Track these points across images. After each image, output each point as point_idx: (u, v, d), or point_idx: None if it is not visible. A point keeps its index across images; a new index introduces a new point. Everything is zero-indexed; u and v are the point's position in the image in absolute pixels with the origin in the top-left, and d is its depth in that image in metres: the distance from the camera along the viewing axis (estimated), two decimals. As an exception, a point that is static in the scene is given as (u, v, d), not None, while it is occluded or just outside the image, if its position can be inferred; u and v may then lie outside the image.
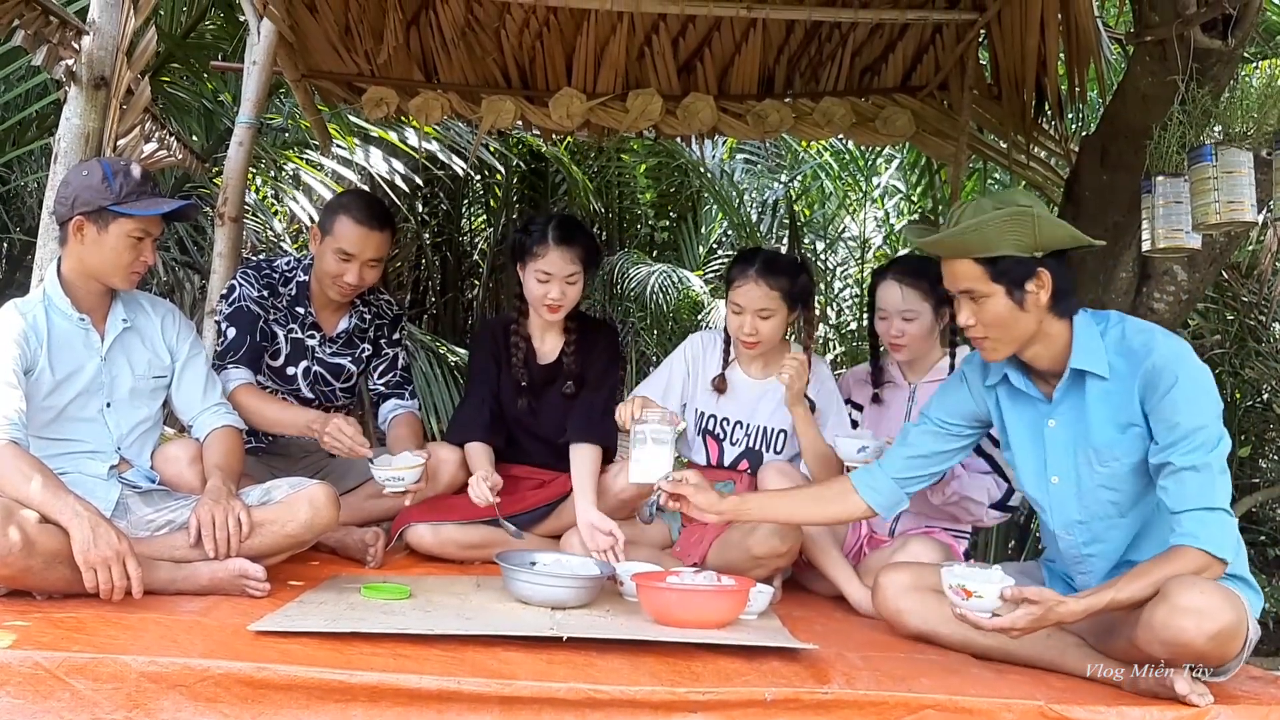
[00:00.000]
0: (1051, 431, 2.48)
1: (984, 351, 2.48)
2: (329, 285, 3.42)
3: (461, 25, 4.74)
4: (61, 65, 3.18)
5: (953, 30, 4.72)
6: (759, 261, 3.22)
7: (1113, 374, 2.38)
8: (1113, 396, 2.39)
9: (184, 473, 2.87)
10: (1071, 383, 2.44)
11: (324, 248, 3.39)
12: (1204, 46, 3.41)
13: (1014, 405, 2.56)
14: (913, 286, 3.18)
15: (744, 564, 3.00)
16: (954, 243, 2.38)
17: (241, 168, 4.33)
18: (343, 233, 3.34)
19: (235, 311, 3.39)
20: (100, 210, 2.70)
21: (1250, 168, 3.12)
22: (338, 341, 3.56)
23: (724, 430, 3.40)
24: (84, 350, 2.77)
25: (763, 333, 3.22)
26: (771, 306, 3.19)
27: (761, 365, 3.39)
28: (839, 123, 4.93)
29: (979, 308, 2.40)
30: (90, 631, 2.21)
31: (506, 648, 2.31)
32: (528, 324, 3.53)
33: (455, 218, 8.70)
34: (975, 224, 2.32)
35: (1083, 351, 2.41)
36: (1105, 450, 2.40)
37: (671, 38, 4.82)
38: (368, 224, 3.35)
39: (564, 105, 4.83)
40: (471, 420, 3.47)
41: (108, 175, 2.72)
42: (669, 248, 8.75)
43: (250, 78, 4.40)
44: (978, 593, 2.26)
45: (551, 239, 3.32)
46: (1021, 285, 2.36)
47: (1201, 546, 2.22)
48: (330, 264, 3.37)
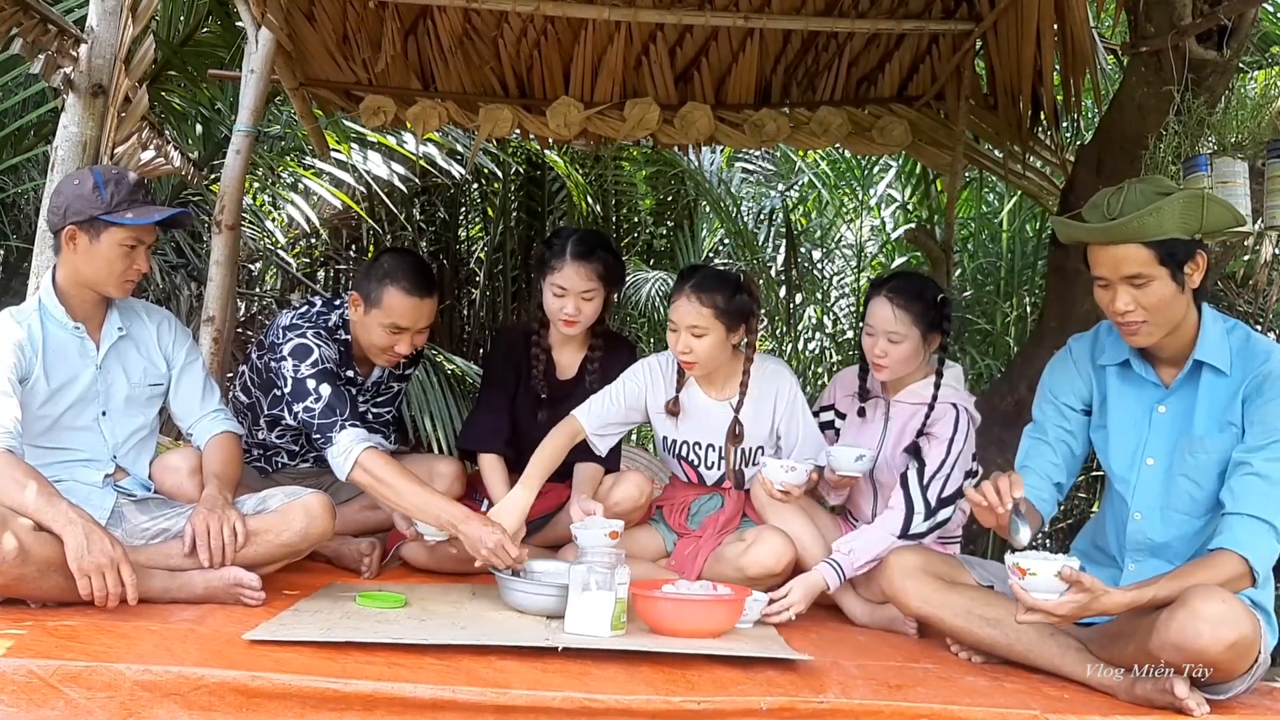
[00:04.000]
0: (1160, 416, 2.50)
1: (1135, 336, 2.43)
2: (377, 355, 3.27)
3: (459, 34, 4.75)
4: (59, 73, 3.18)
5: (949, 40, 4.74)
6: (695, 278, 3.13)
7: (1231, 370, 2.41)
8: (1222, 393, 2.42)
9: (184, 483, 2.86)
10: (1190, 373, 2.47)
11: (370, 320, 3.19)
12: (1199, 57, 3.42)
13: (1124, 385, 2.57)
14: (905, 309, 3.06)
15: (737, 583, 2.97)
16: (1131, 228, 2.34)
17: (239, 176, 4.33)
18: (393, 306, 3.15)
19: (321, 372, 3.05)
20: (92, 219, 2.70)
21: (1245, 177, 3.13)
22: (370, 392, 3.45)
23: (697, 455, 3.32)
24: (79, 359, 2.77)
25: (696, 351, 3.10)
26: (703, 324, 3.08)
27: (718, 387, 3.28)
28: (836, 132, 4.93)
29: (1141, 292, 2.37)
30: (85, 640, 2.21)
31: (502, 656, 2.31)
32: (548, 335, 3.48)
33: (453, 225, 8.69)
34: (1154, 208, 2.31)
35: (1208, 344, 2.44)
36: (1200, 442, 2.43)
37: (669, 47, 4.82)
38: (419, 294, 3.17)
39: (561, 114, 4.84)
40: (491, 429, 3.39)
41: (99, 184, 2.71)
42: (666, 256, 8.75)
43: (248, 86, 4.41)
44: (1031, 570, 2.24)
45: (569, 253, 3.26)
46: (1183, 267, 2.38)
47: (1243, 554, 2.25)
48: (379, 337, 3.19)
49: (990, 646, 2.56)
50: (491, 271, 8.46)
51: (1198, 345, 2.44)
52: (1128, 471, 2.56)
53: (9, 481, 2.42)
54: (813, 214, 8.83)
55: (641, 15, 4.47)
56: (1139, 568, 2.53)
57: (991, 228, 7.16)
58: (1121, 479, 2.58)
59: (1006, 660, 2.57)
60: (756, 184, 8.81)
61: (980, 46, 4.73)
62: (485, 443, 3.38)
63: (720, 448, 3.29)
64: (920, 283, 3.19)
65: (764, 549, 3.02)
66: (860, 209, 8.01)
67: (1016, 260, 6.73)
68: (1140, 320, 2.40)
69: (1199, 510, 2.46)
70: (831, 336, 7.67)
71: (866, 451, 3.05)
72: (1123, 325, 2.44)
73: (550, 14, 4.48)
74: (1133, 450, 2.54)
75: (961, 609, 2.58)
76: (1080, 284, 4.03)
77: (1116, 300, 2.40)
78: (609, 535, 2.85)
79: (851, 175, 8.01)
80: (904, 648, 2.78)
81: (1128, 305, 2.39)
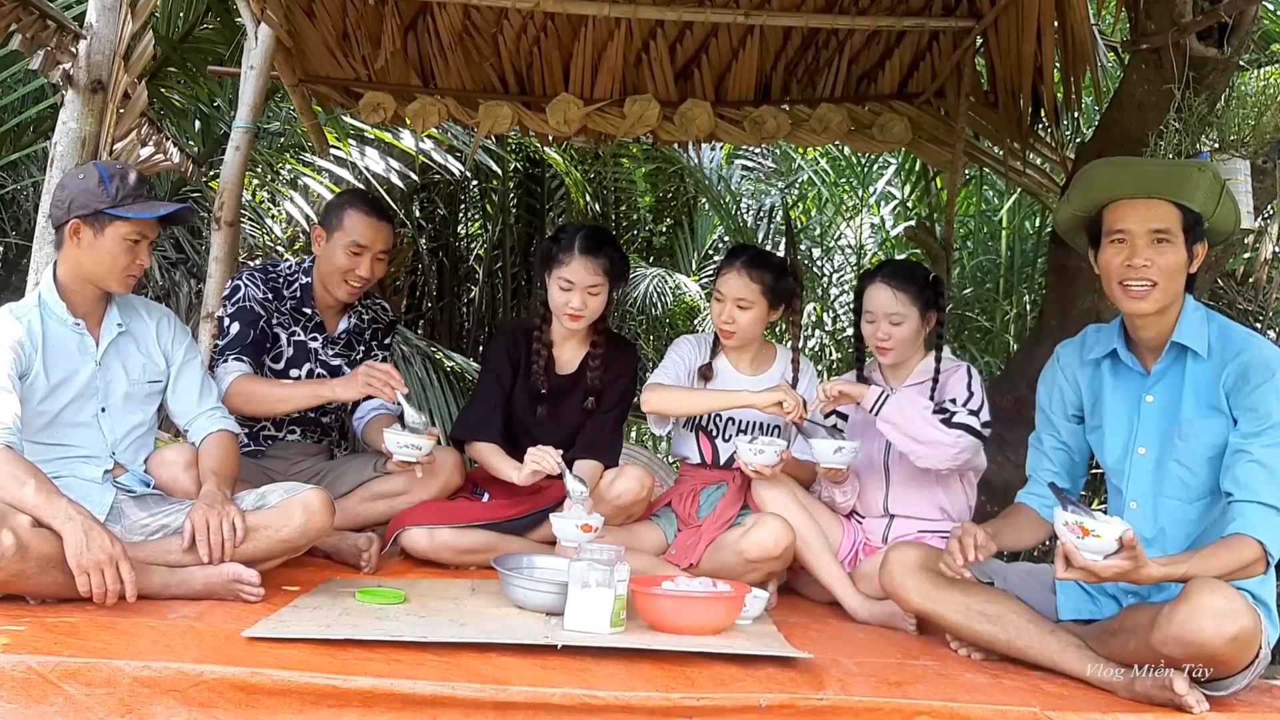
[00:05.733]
0: (1148, 406, 2.53)
1: (1143, 300, 2.45)
2: (337, 284, 3.47)
3: (459, 30, 4.74)
4: (59, 69, 3.17)
5: (949, 37, 4.73)
6: (746, 255, 3.38)
7: (1210, 355, 2.44)
8: (1204, 378, 2.44)
9: (179, 477, 2.86)
10: (1171, 358, 2.50)
11: (332, 245, 3.45)
12: (1200, 55, 3.42)
13: (1115, 379, 2.61)
14: (902, 290, 3.16)
15: (738, 568, 3.04)
16: (1177, 175, 2.39)
17: (238, 172, 4.33)
18: (353, 225, 3.43)
19: (239, 310, 3.40)
20: (96, 214, 2.71)
21: (1247, 175, 3.14)
22: (339, 343, 3.58)
23: (716, 426, 3.43)
24: (79, 355, 2.77)
25: (739, 322, 3.32)
26: (750, 298, 3.30)
27: (750, 362, 3.47)
28: (836, 129, 4.93)
29: (1158, 252, 2.41)
30: (84, 636, 2.20)
31: (501, 653, 2.31)
32: (550, 331, 3.54)
33: (452, 223, 8.69)
34: (1200, 164, 2.38)
35: (1187, 328, 2.47)
36: (1188, 426, 2.45)
37: (669, 44, 4.81)
38: (376, 215, 3.47)
39: (561, 111, 4.83)
40: (485, 420, 3.46)
41: (104, 179, 2.72)
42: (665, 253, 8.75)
43: (247, 82, 4.40)
44: (1095, 531, 2.19)
45: (577, 248, 3.35)
46: (1193, 245, 2.43)
47: (1260, 539, 2.26)
48: (340, 259, 3.43)
49: (989, 642, 2.57)
50: (491, 268, 8.47)
51: (1176, 329, 2.48)
52: (1120, 463, 2.58)
53: (8, 478, 2.41)
54: (812, 211, 8.83)
55: (641, 12, 4.47)
56: None
57: (991, 225, 7.15)
58: (1115, 471, 2.60)
59: (1006, 657, 2.57)
60: (756, 181, 8.82)
61: (980, 44, 4.72)
62: (477, 432, 3.44)
63: (741, 422, 3.41)
64: (911, 265, 3.41)
65: (763, 532, 3.05)
66: (860, 206, 8.01)
67: (1016, 258, 6.73)
68: (1153, 279, 2.42)
69: (1191, 496, 2.47)
70: (832, 334, 7.67)
71: (846, 443, 3.07)
72: (1133, 285, 2.45)
73: (550, 10, 4.47)
74: (1124, 441, 2.56)
75: (961, 605, 2.59)
76: (1081, 281, 4.03)
77: (1136, 255, 2.43)
78: (581, 528, 2.86)
79: (851, 173, 8.01)
80: (903, 644, 2.78)
81: (1146, 260, 2.42)
